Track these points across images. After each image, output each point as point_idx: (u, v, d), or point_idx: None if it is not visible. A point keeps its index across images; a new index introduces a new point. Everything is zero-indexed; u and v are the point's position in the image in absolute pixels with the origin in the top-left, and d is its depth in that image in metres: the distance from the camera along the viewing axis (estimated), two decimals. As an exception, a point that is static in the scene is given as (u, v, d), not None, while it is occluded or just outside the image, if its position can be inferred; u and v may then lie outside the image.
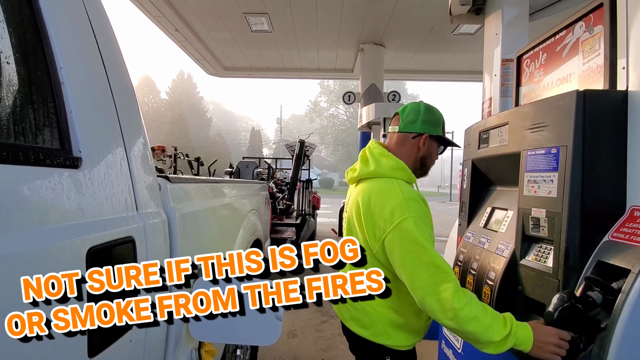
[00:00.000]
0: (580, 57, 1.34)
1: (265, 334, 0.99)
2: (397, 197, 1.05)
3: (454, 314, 0.91)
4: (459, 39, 6.32)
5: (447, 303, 0.92)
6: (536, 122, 1.13)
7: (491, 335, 0.92)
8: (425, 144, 1.20)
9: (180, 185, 1.01)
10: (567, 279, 0.99)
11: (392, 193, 1.07)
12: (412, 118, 1.21)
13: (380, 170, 1.15)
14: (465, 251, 1.48)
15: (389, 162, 1.16)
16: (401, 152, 1.20)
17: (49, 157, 0.53)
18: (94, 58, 0.69)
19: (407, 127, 1.21)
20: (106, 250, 0.61)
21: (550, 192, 1.05)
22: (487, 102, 2.24)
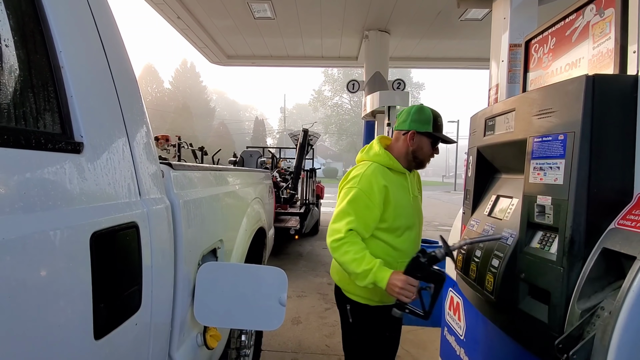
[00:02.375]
0: (590, 41, 1.31)
1: (269, 319, 1.00)
2: (361, 172, 1.39)
3: (334, 245, 1.29)
4: (466, 25, 6.20)
5: (331, 236, 1.30)
6: (544, 108, 1.11)
7: (355, 268, 1.24)
8: (414, 139, 1.43)
9: (183, 173, 1.01)
10: (571, 266, 0.99)
11: (361, 168, 1.42)
12: (404, 118, 1.47)
13: (367, 156, 1.48)
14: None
15: (374, 151, 1.47)
16: (396, 147, 1.48)
17: (50, 142, 0.52)
18: (94, 42, 0.68)
19: (399, 125, 1.48)
20: (110, 235, 0.61)
21: (557, 179, 1.03)
22: (493, 89, 2.20)
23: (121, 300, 0.64)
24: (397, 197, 1.39)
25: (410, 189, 1.48)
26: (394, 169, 1.44)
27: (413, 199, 1.49)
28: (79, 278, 0.54)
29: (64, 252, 0.51)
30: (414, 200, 1.50)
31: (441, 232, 1.45)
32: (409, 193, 1.47)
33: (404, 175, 1.47)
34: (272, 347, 2.58)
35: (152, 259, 0.74)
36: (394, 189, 1.39)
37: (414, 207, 1.48)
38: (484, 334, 1.49)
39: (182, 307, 0.93)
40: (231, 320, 1.00)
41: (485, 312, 1.40)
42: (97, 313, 0.56)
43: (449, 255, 1.25)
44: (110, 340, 0.61)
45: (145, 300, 0.71)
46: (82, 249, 0.55)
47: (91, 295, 0.56)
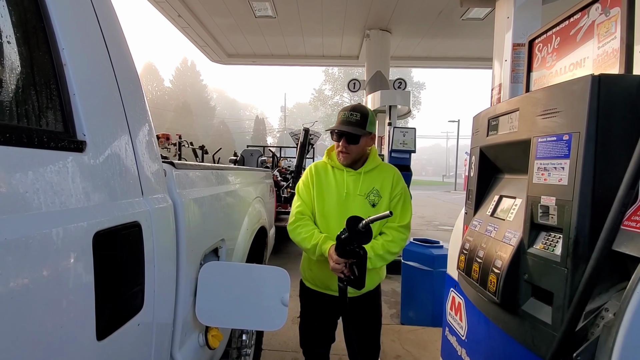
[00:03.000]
0: (596, 41, 1.30)
1: (271, 319, 1.00)
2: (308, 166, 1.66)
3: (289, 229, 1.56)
4: (468, 24, 6.18)
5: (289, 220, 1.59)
6: (548, 108, 1.10)
7: (306, 244, 1.49)
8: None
9: (186, 172, 1.00)
10: (575, 268, 0.98)
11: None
12: None
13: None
14: (471, 239, 1.47)
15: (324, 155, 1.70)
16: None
17: (52, 140, 0.52)
18: (97, 40, 0.67)
19: None
20: (113, 235, 0.61)
21: (561, 180, 1.02)
22: (496, 89, 2.19)
23: (124, 300, 0.64)
24: (323, 187, 1.58)
25: (347, 186, 1.55)
26: (335, 166, 1.60)
27: (347, 195, 1.55)
28: (82, 278, 0.53)
29: (66, 252, 0.51)
30: (350, 197, 1.55)
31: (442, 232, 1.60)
32: (342, 189, 1.55)
33: (341, 172, 1.58)
34: (273, 347, 2.58)
35: (155, 258, 0.73)
36: (324, 180, 1.60)
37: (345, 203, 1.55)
38: (486, 335, 1.48)
39: (184, 307, 0.93)
40: (233, 320, 0.99)
41: (487, 312, 1.39)
42: (99, 314, 0.56)
43: (352, 236, 1.35)
44: (112, 341, 0.60)
45: (148, 300, 0.71)
46: (84, 249, 0.54)
47: (94, 295, 0.55)
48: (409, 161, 4.70)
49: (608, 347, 0.85)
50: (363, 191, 1.56)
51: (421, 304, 3.04)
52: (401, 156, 4.63)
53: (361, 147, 1.55)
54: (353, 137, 1.51)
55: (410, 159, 4.71)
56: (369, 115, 1.55)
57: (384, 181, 1.60)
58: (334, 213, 1.55)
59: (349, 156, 1.54)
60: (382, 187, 1.58)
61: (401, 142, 4.61)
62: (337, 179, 1.58)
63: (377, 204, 1.57)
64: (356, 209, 1.54)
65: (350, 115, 1.53)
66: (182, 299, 0.92)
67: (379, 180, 1.59)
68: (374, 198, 1.57)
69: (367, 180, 1.58)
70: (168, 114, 35.86)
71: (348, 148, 1.53)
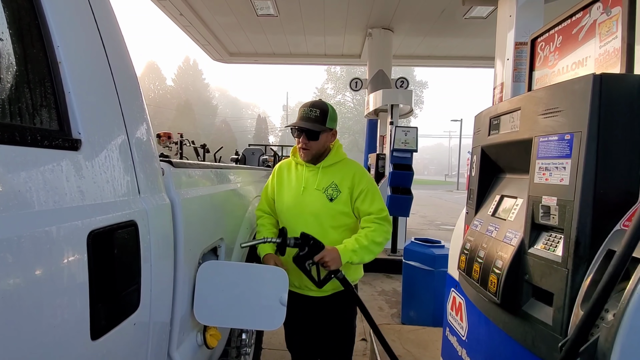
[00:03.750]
0: (597, 40, 1.29)
1: (269, 319, 0.99)
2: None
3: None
4: (470, 23, 6.15)
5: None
6: (550, 107, 1.09)
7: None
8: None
9: (184, 170, 1.00)
10: (576, 268, 0.97)
11: None
12: None
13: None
14: (472, 239, 1.46)
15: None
16: None
17: (47, 139, 0.51)
18: (93, 37, 0.67)
19: None
20: (108, 234, 0.60)
21: (563, 180, 1.02)
22: (498, 88, 2.18)
23: (119, 300, 0.63)
24: (284, 184, 1.62)
25: (306, 181, 1.56)
26: (298, 162, 1.62)
27: (304, 190, 1.55)
28: (76, 278, 0.53)
29: (59, 251, 0.50)
30: (307, 191, 1.55)
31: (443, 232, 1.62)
32: (300, 184, 1.57)
33: (302, 168, 1.60)
34: (273, 345, 2.58)
35: (152, 258, 0.73)
36: (285, 177, 1.63)
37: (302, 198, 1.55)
38: (487, 335, 1.47)
39: (182, 306, 0.92)
40: (231, 319, 0.99)
41: (488, 313, 1.38)
42: (94, 313, 0.55)
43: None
44: (107, 340, 0.60)
45: (144, 299, 0.70)
46: (78, 248, 0.53)
47: (88, 295, 0.55)
48: (411, 160, 4.68)
49: (607, 347, 0.84)
50: (321, 185, 1.55)
51: (422, 303, 3.03)
52: (403, 155, 4.61)
53: (321, 144, 1.55)
54: (312, 133, 1.50)
55: (412, 158, 4.70)
56: (328, 112, 1.55)
57: (344, 176, 1.58)
58: (291, 207, 1.57)
59: (309, 152, 1.54)
60: (341, 182, 1.56)
61: (403, 141, 4.59)
62: (298, 174, 1.60)
63: (335, 199, 1.55)
64: (313, 203, 1.54)
65: (309, 111, 1.52)
66: (180, 298, 0.91)
67: (338, 175, 1.58)
68: (332, 192, 1.55)
69: (327, 175, 1.57)
70: (170, 113, 35.93)
71: (308, 144, 1.52)
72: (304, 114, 1.53)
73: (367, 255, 1.51)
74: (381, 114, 6.63)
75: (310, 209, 1.55)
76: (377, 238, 1.53)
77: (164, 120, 32.95)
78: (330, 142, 1.62)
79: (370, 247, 1.51)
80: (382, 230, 1.56)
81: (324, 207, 1.54)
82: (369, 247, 1.50)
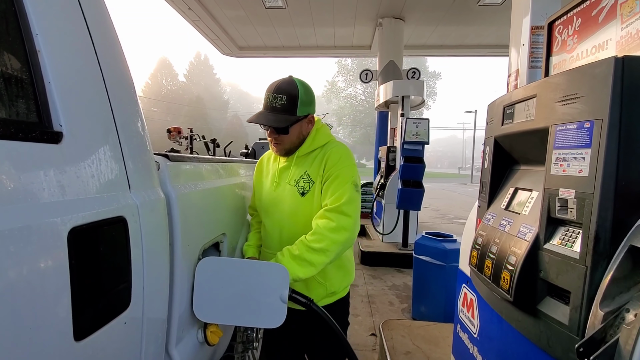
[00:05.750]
0: (619, 22, 1.22)
1: (270, 316, 0.97)
2: None
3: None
4: (485, 9, 5.96)
5: None
6: (568, 94, 1.02)
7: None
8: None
9: (181, 164, 0.97)
10: (595, 265, 0.91)
11: None
12: None
13: None
14: (484, 234, 1.40)
15: None
16: None
17: (22, 131, 0.49)
18: (77, 25, 0.64)
19: None
20: (92, 231, 0.58)
21: (582, 171, 0.95)
22: (513, 75, 2.08)
23: (106, 298, 0.61)
24: (262, 179, 1.43)
25: (279, 176, 1.34)
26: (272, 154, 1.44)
27: (277, 186, 1.33)
28: (55, 277, 0.51)
29: (36, 249, 0.48)
30: (280, 188, 1.32)
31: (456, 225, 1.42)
32: (274, 179, 1.35)
33: (277, 159, 1.39)
34: (282, 340, 2.57)
35: (144, 254, 0.71)
36: (263, 172, 1.44)
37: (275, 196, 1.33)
38: (499, 333, 1.42)
39: (180, 302, 0.91)
40: (231, 316, 0.97)
41: (500, 310, 1.33)
42: (77, 313, 0.53)
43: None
44: (94, 340, 0.58)
45: (136, 297, 0.68)
46: (58, 246, 0.51)
47: (69, 294, 0.52)
48: (422, 153, 4.59)
49: (628, 350, 0.79)
50: (293, 178, 1.30)
51: (433, 299, 2.97)
52: (414, 148, 4.52)
53: (295, 135, 1.28)
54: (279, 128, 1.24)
55: (423, 150, 4.60)
56: (299, 96, 1.23)
57: (316, 163, 1.29)
58: (266, 206, 1.36)
59: (282, 147, 1.29)
60: (313, 171, 1.28)
61: (414, 133, 4.50)
62: (274, 167, 1.38)
63: (307, 192, 1.27)
64: (285, 200, 1.30)
65: (273, 99, 1.22)
66: (178, 295, 0.89)
67: (313, 164, 1.29)
68: (304, 184, 1.28)
69: (300, 166, 1.31)
70: (182, 108, 36.34)
71: (278, 139, 1.27)
72: (267, 102, 1.24)
73: (300, 268, 1.13)
74: (392, 105, 6.51)
75: (282, 206, 1.31)
76: (316, 243, 1.15)
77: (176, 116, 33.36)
78: (307, 130, 1.32)
79: (304, 257, 1.14)
80: (327, 229, 1.17)
81: (295, 203, 1.28)
82: (302, 256, 1.14)
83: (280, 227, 1.31)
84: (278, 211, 1.32)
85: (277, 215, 1.32)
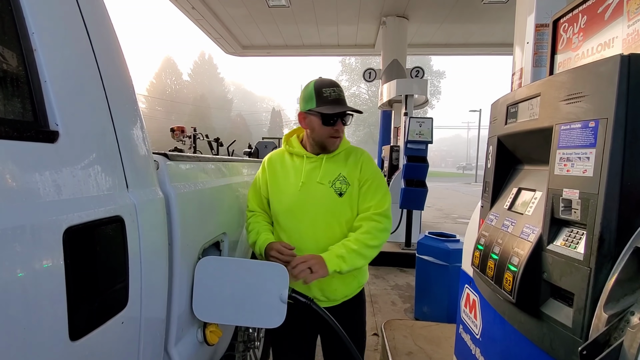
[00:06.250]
0: (625, 19, 1.19)
1: (269, 316, 0.96)
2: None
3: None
4: (490, 7, 5.91)
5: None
6: (573, 93, 1.01)
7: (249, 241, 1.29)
8: (305, 121, 1.32)
9: (180, 163, 0.97)
10: (599, 267, 0.90)
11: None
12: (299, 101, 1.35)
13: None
14: (487, 234, 1.39)
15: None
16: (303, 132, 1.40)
17: (18, 130, 0.48)
18: (74, 23, 0.63)
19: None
20: (88, 230, 0.57)
21: (586, 171, 0.94)
22: (517, 74, 2.06)
23: (103, 298, 0.61)
24: (278, 179, 1.35)
25: (306, 174, 1.31)
26: (293, 152, 1.38)
27: (303, 185, 1.30)
28: (50, 276, 0.51)
29: (30, 249, 0.48)
30: (307, 187, 1.31)
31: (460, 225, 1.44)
32: (299, 178, 1.31)
33: (300, 159, 1.34)
34: (284, 339, 2.57)
35: (142, 253, 0.71)
36: (279, 171, 1.36)
37: (301, 196, 1.30)
38: (502, 335, 1.41)
39: (180, 302, 0.90)
40: (230, 316, 0.96)
41: (503, 312, 1.32)
42: (72, 313, 0.53)
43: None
44: (90, 340, 0.57)
45: (133, 297, 0.68)
46: (53, 245, 0.51)
47: (65, 294, 0.52)
48: (426, 152, 4.56)
49: (632, 353, 0.77)
50: (326, 179, 1.31)
51: (436, 299, 2.96)
52: (417, 147, 4.49)
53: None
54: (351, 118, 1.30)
55: (426, 150, 4.58)
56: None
57: (352, 166, 1.35)
58: (292, 207, 1.32)
59: (340, 140, 1.34)
60: (349, 173, 1.34)
61: (417, 132, 4.47)
62: (296, 167, 1.34)
63: (344, 193, 1.31)
64: (317, 199, 1.30)
65: (340, 92, 1.29)
66: (177, 295, 0.89)
67: (345, 165, 1.35)
68: (341, 186, 1.31)
69: (331, 166, 1.33)
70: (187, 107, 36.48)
71: (341, 130, 1.31)
72: (337, 95, 1.28)
73: (358, 260, 1.26)
74: (395, 105, 6.48)
75: (315, 207, 1.31)
76: (371, 241, 1.29)
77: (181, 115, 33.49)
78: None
79: (361, 252, 1.26)
80: (376, 229, 1.31)
81: (333, 204, 1.31)
82: (359, 251, 1.26)
83: (314, 227, 1.31)
84: (309, 211, 1.31)
85: (309, 215, 1.31)
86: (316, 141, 1.32)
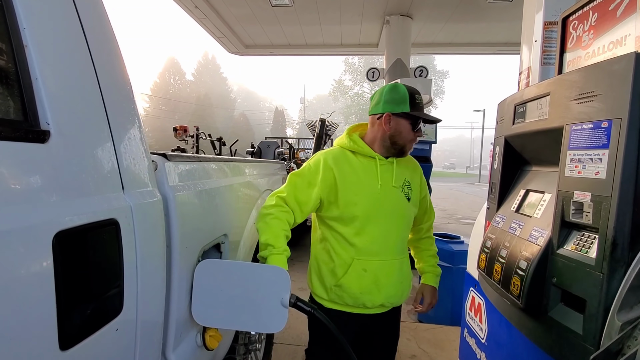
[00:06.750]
0: (638, 16, 1.16)
1: (270, 321, 0.94)
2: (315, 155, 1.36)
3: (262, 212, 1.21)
4: (495, 6, 5.86)
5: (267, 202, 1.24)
6: (584, 92, 0.98)
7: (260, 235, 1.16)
8: (390, 122, 1.27)
9: (180, 164, 0.95)
10: (612, 272, 0.87)
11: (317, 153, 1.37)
12: (376, 100, 1.32)
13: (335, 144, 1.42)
14: (493, 237, 1.36)
15: (339, 137, 1.41)
16: (370, 133, 1.35)
17: (6, 130, 0.46)
18: (69, 19, 0.61)
19: (373, 109, 1.34)
20: (80, 234, 0.55)
21: (598, 173, 0.90)
22: (524, 73, 2.02)
23: (96, 305, 0.59)
24: (351, 181, 1.26)
25: (381, 177, 1.28)
26: (358, 152, 1.31)
27: (382, 188, 1.27)
28: (38, 283, 0.48)
29: (18, 254, 0.45)
30: (385, 190, 1.28)
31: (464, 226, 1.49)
32: (376, 180, 1.28)
33: (373, 161, 1.29)
34: (285, 340, 2.55)
35: (138, 257, 0.68)
36: (348, 172, 1.27)
37: (380, 199, 1.27)
38: (508, 340, 1.37)
39: (178, 306, 0.88)
40: (230, 321, 0.94)
41: (510, 316, 1.28)
42: (62, 322, 0.51)
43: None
44: (82, 349, 0.55)
45: (129, 303, 0.66)
46: (41, 251, 0.48)
47: (54, 301, 0.50)
48: (429, 152, 4.53)
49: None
50: (398, 182, 1.32)
51: (440, 301, 2.89)
52: (421, 147, 4.46)
53: None
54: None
55: (430, 150, 4.54)
56: None
57: (412, 173, 1.40)
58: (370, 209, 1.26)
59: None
60: (412, 179, 1.37)
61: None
62: (366, 168, 1.29)
63: (411, 198, 1.35)
64: (393, 203, 1.30)
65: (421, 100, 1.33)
66: (176, 298, 0.87)
67: (407, 171, 1.37)
68: (407, 191, 1.34)
69: (400, 170, 1.34)
70: (190, 107, 36.58)
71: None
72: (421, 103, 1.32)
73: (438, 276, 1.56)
74: (399, 104, 6.43)
75: (391, 210, 1.30)
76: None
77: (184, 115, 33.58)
78: None
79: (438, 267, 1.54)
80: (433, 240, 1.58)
81: (404, 208, 1.32)
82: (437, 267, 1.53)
83: (388, 231, 1.29)
84: (386, 214, 1.29)
85: (389, 219, 1.29)
86: (398, 144, 1.29)
